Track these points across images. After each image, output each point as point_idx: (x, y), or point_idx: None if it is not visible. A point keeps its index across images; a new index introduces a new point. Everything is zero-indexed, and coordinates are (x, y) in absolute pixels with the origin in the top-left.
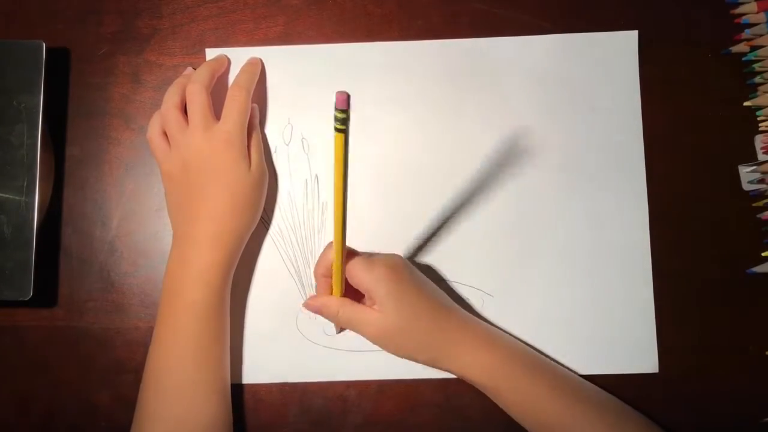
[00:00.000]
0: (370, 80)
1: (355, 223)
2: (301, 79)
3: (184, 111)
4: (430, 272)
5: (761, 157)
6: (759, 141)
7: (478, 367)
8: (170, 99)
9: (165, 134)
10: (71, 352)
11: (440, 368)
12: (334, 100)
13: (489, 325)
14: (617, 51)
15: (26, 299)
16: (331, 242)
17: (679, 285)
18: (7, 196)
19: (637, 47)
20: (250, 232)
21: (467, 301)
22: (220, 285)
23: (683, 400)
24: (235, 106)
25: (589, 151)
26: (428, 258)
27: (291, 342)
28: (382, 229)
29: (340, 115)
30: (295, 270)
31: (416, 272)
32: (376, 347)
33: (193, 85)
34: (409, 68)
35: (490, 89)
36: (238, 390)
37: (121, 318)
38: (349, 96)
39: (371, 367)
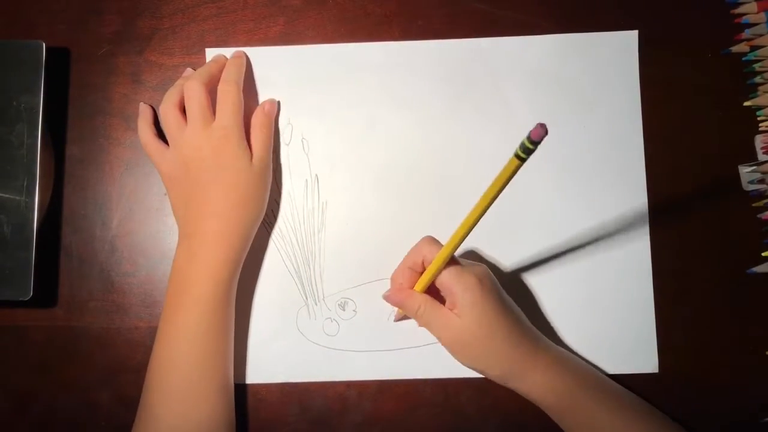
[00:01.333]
0: (370, 80)
1: (353, 222)
2: (301, 79)
3: (182, 111)
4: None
5: (761, 157)
6: (759, 141)
7: (547, 388)
8: (169, 99)
9: (157, 137)
10: (71, 352)
11: (509, 386)
12: (530, 128)
13: (562, 349)
14: (617, 51)
15: (26, 299)
16: (432, 238)
17: (679, 285)
18: (7, 196)
19: (637, 47)
20: (257, 226)
21: None
22: (227, 280)
23: (683, 400)
24: (227, 100)
25: (589, 151)
26: None
27: (291, 342)
28: (381, 228)
29: (530, 146)
30: (295, 270)
31: (500, 288)
32: (376, 347)
33: (191, 82)
34: (409, 68)
35: (490, 89)
36: (238, 390)
37: (121, 318)
38: (547, 132)
39: (371, 367)
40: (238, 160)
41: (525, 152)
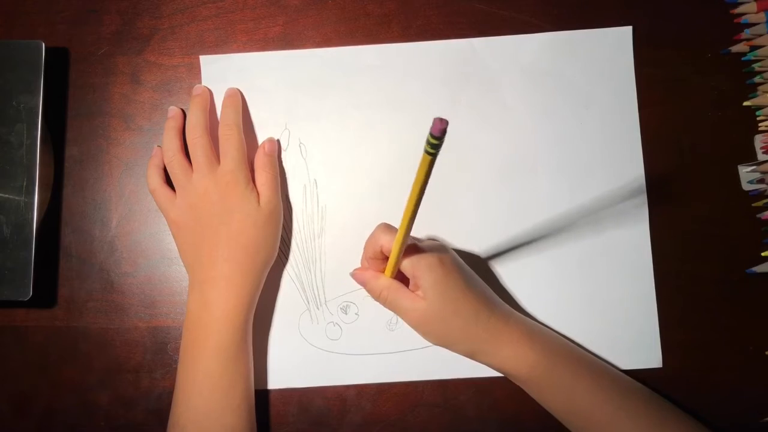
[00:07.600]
0: (366, 83)
1: (353, 225)
2: (297, 84)
3: (184, 155)
4: (478, 264)
5: (761, 157)
6: (759, 141)
7: (519, 361)
8: (171, 146)
9: (166, 184)
10: (71, 352)
11: (479, 361)
12: (431, 124)
13: (532, 321)
14: (612, 47)
15: (26, 299)
16: (386, 225)
17: (679, 285)
18: (7, 196)
19: (632, 43)
20: (269, 267)
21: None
22: (243, 323)
23: (688, 394)
24: (230, 144)
25: (586, 149)
26: None
27: (294, 347)
28: None
29: (434, 141)
30: (296, 275)
31: (463, 265)
32: (379, 350)
33: (194, 130)
34: (404, 70)
35: (485, 89)
36: None
37: (121, 318)
38: (447, 126)
39: (375, 370)
40: (246, 203)
41: (432, 147)
